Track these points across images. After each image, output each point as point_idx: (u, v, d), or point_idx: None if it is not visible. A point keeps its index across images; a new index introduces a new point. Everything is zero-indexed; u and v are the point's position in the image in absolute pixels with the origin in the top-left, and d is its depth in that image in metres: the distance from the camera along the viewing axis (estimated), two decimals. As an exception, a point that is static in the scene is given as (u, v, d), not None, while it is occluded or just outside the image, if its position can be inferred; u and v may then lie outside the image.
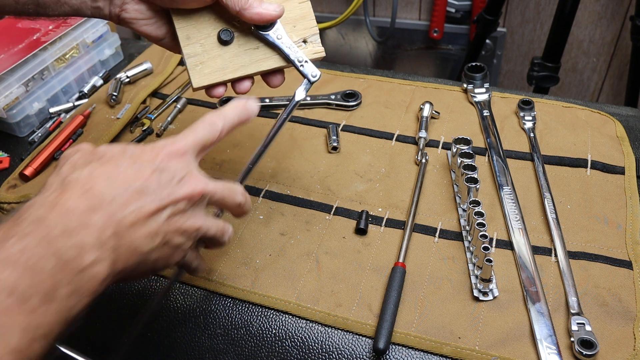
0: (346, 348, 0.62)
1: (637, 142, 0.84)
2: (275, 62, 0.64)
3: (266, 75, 0.65)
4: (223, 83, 0.63)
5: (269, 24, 0.61)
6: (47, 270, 0.39)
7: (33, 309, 0.38)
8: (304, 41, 0.64)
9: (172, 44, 0.66)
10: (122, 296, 0.70)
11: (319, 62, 1.06)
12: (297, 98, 0.64)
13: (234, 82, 0.64)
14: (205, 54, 0.62)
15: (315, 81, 0.64)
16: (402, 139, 0.87)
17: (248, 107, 0.56)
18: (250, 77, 0.64)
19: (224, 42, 0.62)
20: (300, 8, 0.64)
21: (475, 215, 0.67)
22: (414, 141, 0.87)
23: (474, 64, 0.95)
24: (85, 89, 1.03)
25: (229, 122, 0.54)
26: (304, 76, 0.64)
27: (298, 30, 0.64)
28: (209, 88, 0.63)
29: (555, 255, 0.68)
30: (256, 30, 0.62)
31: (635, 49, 1.38)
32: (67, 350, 0.53)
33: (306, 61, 0.63)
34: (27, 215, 0.42)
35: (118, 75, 1.02)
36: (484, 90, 0.94)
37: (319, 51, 0.65)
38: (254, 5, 0.59)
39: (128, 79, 1.02)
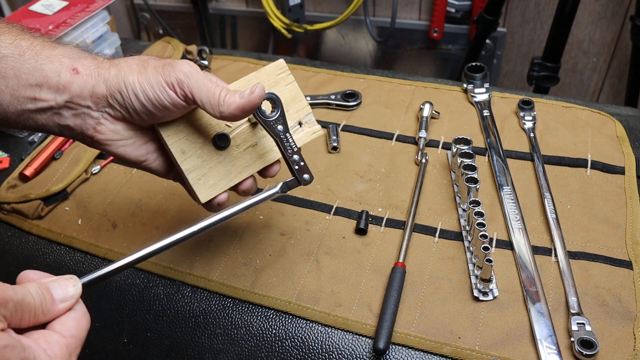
0: (346, 348, 0.62)
1: (637, 142, 0.84)
2: (276, 154, 0.60)
3: (264, 168, 0.61)
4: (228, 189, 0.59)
5: (275, 107, 0.56)
6: None
7: None
8: (300, 123, 0.61)
9: (156, 164, 0.59)
10: (122, 296, 0.71)
11: (319, 62, 1.06)
12: (271, 191, 0.58)
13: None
14: (205, 164, 0.57)
15: (306, 184, 0.59)
16: (402, 139, 0.87)
17: None
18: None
19: (221, 148, 0.58)
20: (288, 90, 0.61)
21: (475, 215, 0.67)
22: (414, 141, 0.87)
23: (474, 64, 0.95)
24: (85, 89, 1.02)
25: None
26: (294, 176, 0.59)
27: (291, 114, 0.61)
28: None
29: (555, 255, 0.68)
30: (261, 118, 0.56)
31: (635, 49, 1.38)
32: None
33: (302, 163, 0.59)
34: None
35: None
36: (484, 90, 0.94)
37: (316, 130, 0.62)
38: (229, 101, 0.52)
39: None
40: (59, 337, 0.41)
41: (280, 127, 0.57)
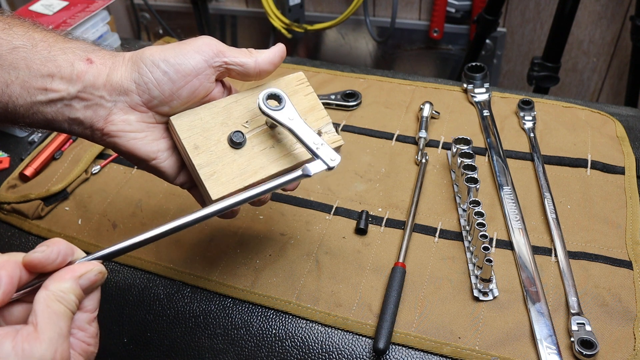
0: (346, 348, 0.62)
1: (637, 142, 0.84)
2: (295, 158, 0.58)
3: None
4: (244, 189, 0.55)
5: (280, 102, 0.56)
6: None
7: None
8: (319, 133, 0.60)
9: (166, 164, 0.56)
10: (122, 296, 0.71)
11: (319, 62, 1.06)
12: (304, 172, 0.55)
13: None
14: (218, 161, 0.55)
15: (334, 167, 0.56)
16: (402, 139, 0.87)
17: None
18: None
19: (236, 145, 0.56)
20: (307, 100, 0.61)
21: (475, 215, 0.67)
22: (414, 141, 0.87)
23: (474, 64, 0.95)
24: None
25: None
26: (322, 160, 0.56)
27: (310, 122, 0.59)
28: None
29: (555, 255, 0.68)
30: (267, 108, 0.55)
31: (635, 49, 1.38)
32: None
33: (322, 144, 0.56)
34: None
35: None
36: (484, 90, 0.94)
37: (337, 140, 0.60)
38: (259, 57, 0.56)
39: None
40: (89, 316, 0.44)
41: (289, 116, 0.55)
